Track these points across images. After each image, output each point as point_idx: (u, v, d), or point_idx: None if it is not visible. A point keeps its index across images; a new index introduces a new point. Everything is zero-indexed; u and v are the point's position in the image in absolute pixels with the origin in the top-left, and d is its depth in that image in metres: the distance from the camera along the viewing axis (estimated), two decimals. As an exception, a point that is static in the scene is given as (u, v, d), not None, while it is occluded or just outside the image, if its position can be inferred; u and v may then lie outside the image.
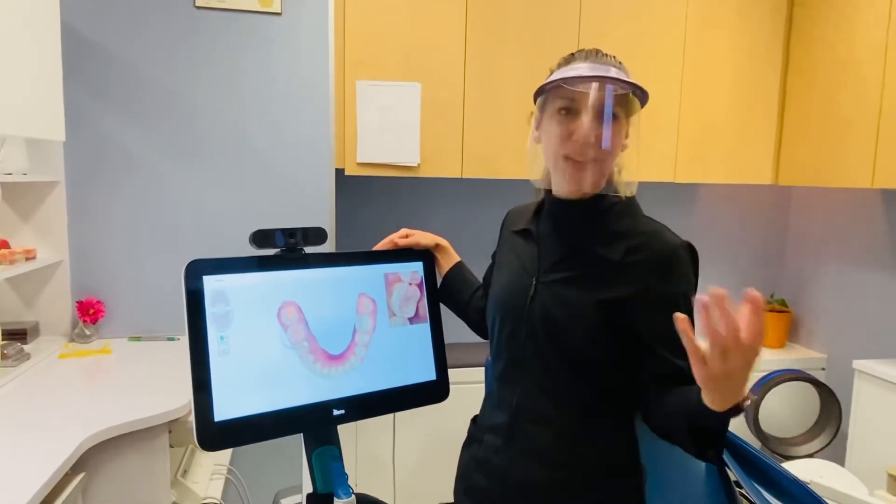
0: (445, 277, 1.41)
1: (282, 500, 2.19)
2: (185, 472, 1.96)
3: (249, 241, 1.17)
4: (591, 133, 1.04)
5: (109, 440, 1.53)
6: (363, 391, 1.22)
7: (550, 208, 1.18)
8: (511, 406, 1.15)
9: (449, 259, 1.42)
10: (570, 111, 1.07)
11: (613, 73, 1.06)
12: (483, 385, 1.45)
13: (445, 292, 1.41)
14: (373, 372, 1.24)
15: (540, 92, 1.12)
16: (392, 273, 1.31)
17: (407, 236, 1.39)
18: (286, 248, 1.21)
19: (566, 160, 1.08)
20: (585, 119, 1.05)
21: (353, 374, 1.22)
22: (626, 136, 1.10)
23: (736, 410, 0.86)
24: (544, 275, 1.13)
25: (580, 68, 1.07)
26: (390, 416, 2.60)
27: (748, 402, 0.86)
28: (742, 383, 0.82)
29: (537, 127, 1.15)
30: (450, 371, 2.39)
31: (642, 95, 1.09)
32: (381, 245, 1.37)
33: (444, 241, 1.42)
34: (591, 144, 1.05)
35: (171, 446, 1.74)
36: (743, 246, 3.24)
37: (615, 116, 1.06)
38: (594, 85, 1.04)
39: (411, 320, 1.31)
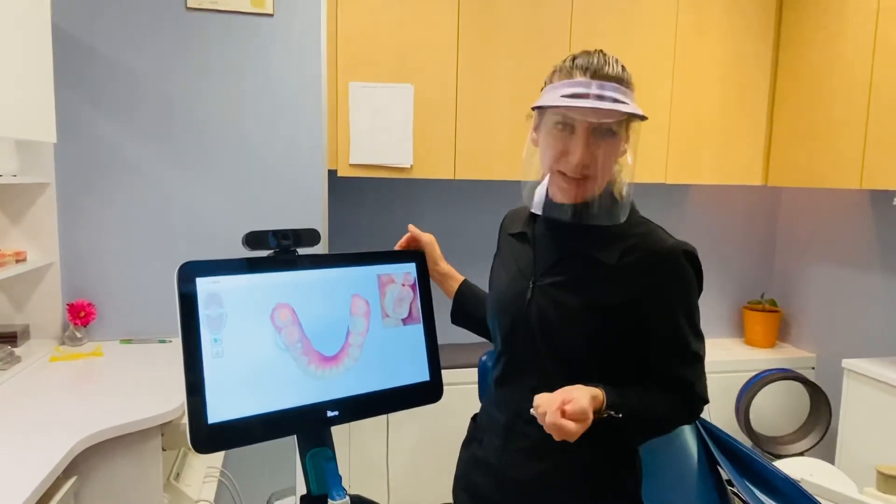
0: (457, 298, 1.39)
1: (276, 502, 2.18)
2: (177, 475, 1.95)
3: (242, 243, 1.17)
4: (588, 156, 1.05)
5: (102, 443, 1.52)
6: (357, 392, 1.23)
7: (546, 211, 1.18)
8: (509, 407, 1.16)
9: (455, 280, 1.41)
10: (567, 127, 1.06)
11: (615, 93, 1.03)
12: (476, 386, 1.46)
13: (461, 313, 1.39)
14: (366, 373, 1.24)
15: (538, 108, 1.10)
16: (385, 274, 1.31)
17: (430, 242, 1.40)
18: (279, 250, 1.21)
19: (560, 175, 1.08)
20: (582, 142, 1.04)
21: (346, 376, 1.22)
22: (626, 141, 1.10)
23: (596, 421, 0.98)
24: (540, 278, 1.14)
25: (581, 85, 1.04)
26: (384, 417, 2.60)
27: (603, 416, 0.99)
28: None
29: (535, 128, 1.15)
30: (443, 372, 2.39)
31: (641, 118, 1.07)
32: (402, 244, 1.40)
33: (448, 267, 1.41)
34: (586, 165, 1.05)
35: (163, 449, 1.73)
36: (733, 246, 3.26)
37: (614, 133, 1.06)
38: (592, 113, 1.02)
39: (405, 321, 1.32)
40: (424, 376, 1.33)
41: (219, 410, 1.07)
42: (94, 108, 2.20)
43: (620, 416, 0.99)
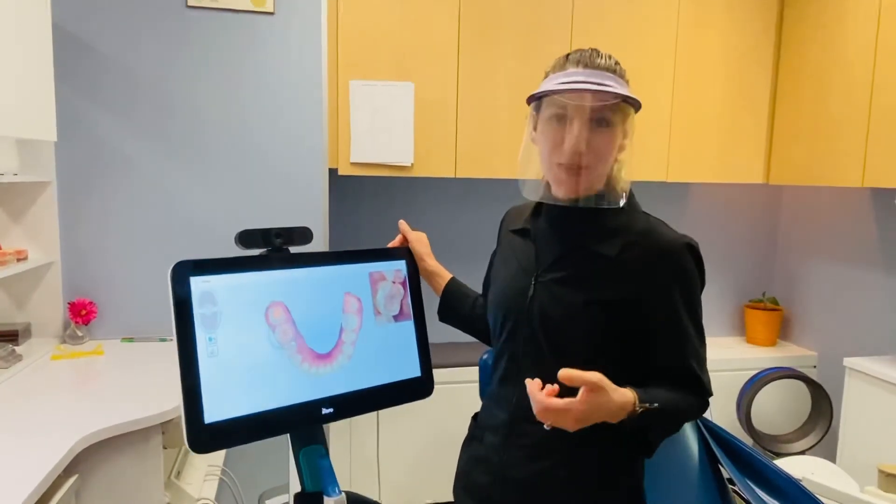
0: (444, 295, 1.40)
1: (266, 501, 2.19)
2: (178, 473, 1.96)
3: (235, 242, 1.18)
4: (583, 143, 1.04)
5: (103, 442, 1.52)
6: (351, 389, 1.23)
7: (548, 207, 1.18)
8: (511, 405, 1.16)
9: (443, 278, 1.42)
10: (563, 118, 1.06)
11: (607, 80, 1.05)
12: (476, 384, 1.46)
13: (447, 309, 1.41)
14: (360, 370, 1.25)
15: (533, 98, 1.12)
16: (376, 272, 1.32)
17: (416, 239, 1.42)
18: (272, 249, 1.22)
19: (559, 167, 1.08)
20: (577, 129, 1.04)
21: (340, 373, 1.22)
22: (625, 137, 1.10)
23: (629, 421, 0.99)
24: (542, 274, 1.14)
25: (574, 75, 1.06)
26: (383, 415, 2.60)
27: (638, 411, 0.98)
28: (603, 417, 0.96)
29: (534, 128, 1.15)
30: (443, 371, 2.40)
31: (634, 102, 1.09)
32: (394, 243, 1.42)
33: (435, 265, 1.42)
34: (583, 153, 1.05)
35: (164, 447, 1.73)
36: (734, 245, 3.26)
37: (609, 123, 1.06)
38: (586, 96, 1.03)
39: (396, 318, 1.33)
40: (416, 372, 1.33)
41: (215, 410, 1.07)
42: (95, 107, 2.20)
43: (656, 405, 0.99)
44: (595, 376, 0.93)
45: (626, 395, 0.97)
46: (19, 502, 1.17)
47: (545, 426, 0.97)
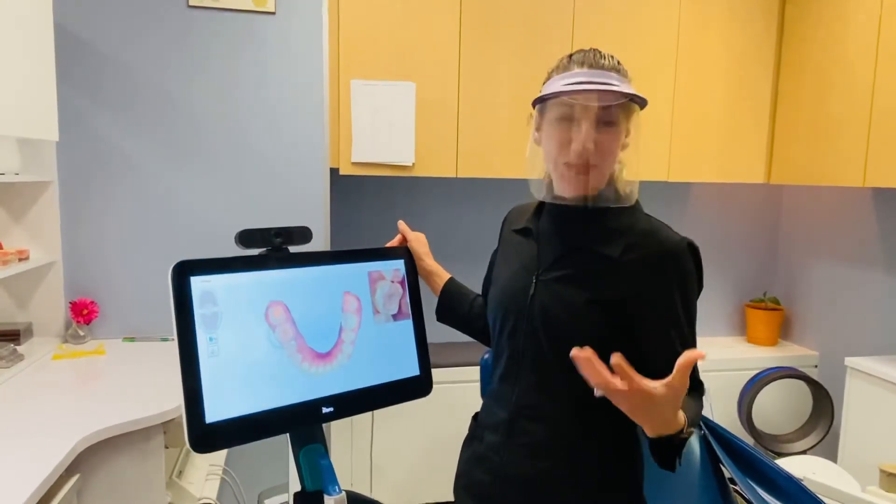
0: (442, 295, 1.41)
1: (265, 501, 2.19)
2: (180, 472, 1.96)
3: (235, 241, 1.18)
4: (590, 142, 1.05)
5: (104, 441, 1.53)
6: (351, 388, 1.24)
7: (551, 207, 1.18)
8: (511, 403, 1.16)
9: (441, 277, 1.42)
10: (569, 119, 1.07)
11: (613, 79, 1.06)
12: (475, 384, 1.46)
13: (446, 309, 1.41)
14: (359, 369, 1.25)
15: (541, 100, 1.12)
16: (375, 271, 1.32)
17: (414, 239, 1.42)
18: (272, 248, 1.22)
19: (566, 166, 1.09)
20: (583, 128, 1.05)
21: (340, 372, 1.23)
22: (627, 135, 1.11)
23: (670, 440, 0.92)
24: (544, 273, 1.14)
25: (579, 75, 1.06)
26: (384, 415, 2.60)
27: (684, 435, 0.93)
28: (655, 418, 0.89)
29: (537, 129, 1.16)
30: (442, 370, 2.39)
31: (641, 101, 1.09)
32: (393, 243, 1.43)
33: (433, 264, 1.42)
34: (590, 151, 1.06)
35: (166, 447, 1.73)
36: (735, 244, 3.26)
37: (614, 122, 1.07)
38: (594, 97, 1.04)
39: (395, 317, 1.33)
40: (415, 371, 1.34)
41: (216, 410, 1.07)
42: (97, 107, 2.21)
43: (703, 432, 0.98)
44: (684, 383, 0.87)
45: (680, 414, 0.94)
46: (21, 502, 1.17)
47: (595, 392, 0.88)
